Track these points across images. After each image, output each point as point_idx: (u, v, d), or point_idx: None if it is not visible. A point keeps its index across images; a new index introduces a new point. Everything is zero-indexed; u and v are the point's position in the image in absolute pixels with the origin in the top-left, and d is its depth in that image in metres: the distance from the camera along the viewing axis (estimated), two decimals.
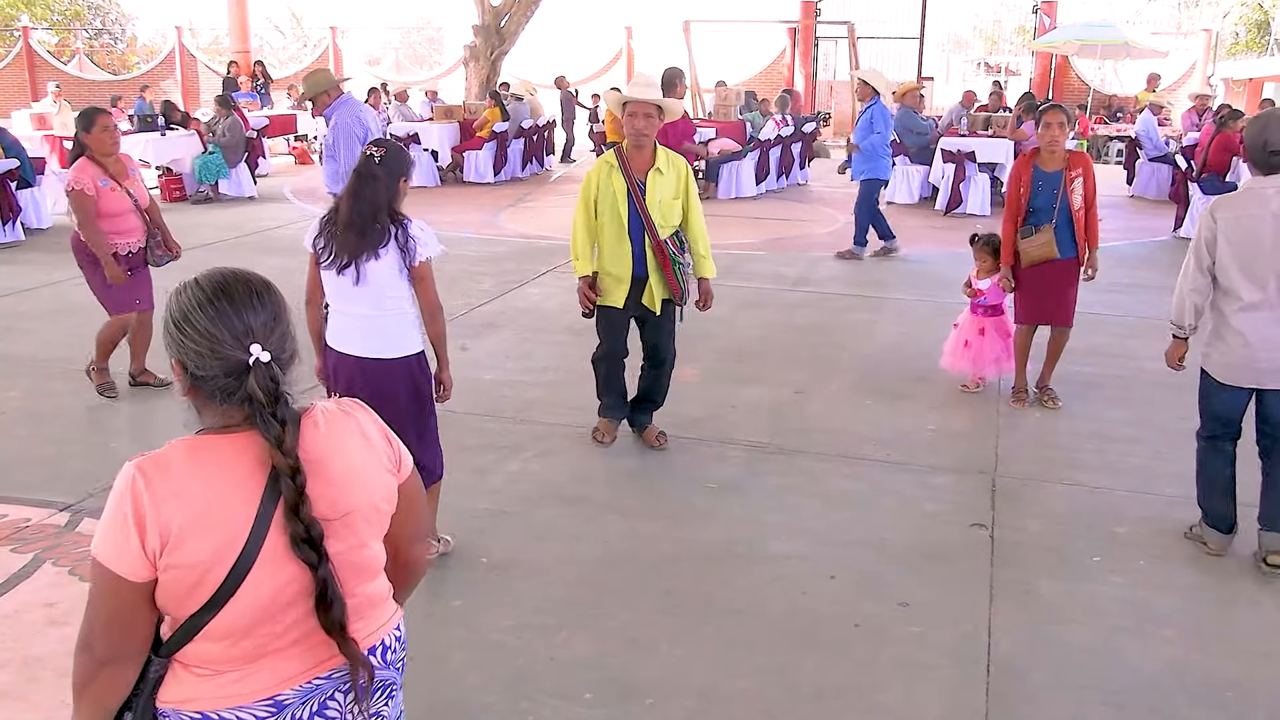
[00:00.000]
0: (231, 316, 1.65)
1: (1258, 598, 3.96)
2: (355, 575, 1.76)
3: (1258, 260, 3.92)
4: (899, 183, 14.07)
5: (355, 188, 3.60)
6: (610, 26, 25.64)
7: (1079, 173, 5.72)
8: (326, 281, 3.70)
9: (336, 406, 1.82)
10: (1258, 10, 29.01)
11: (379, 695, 1.86)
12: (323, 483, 1.68)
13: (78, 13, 35.53)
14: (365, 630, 1.81)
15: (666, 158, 4.91)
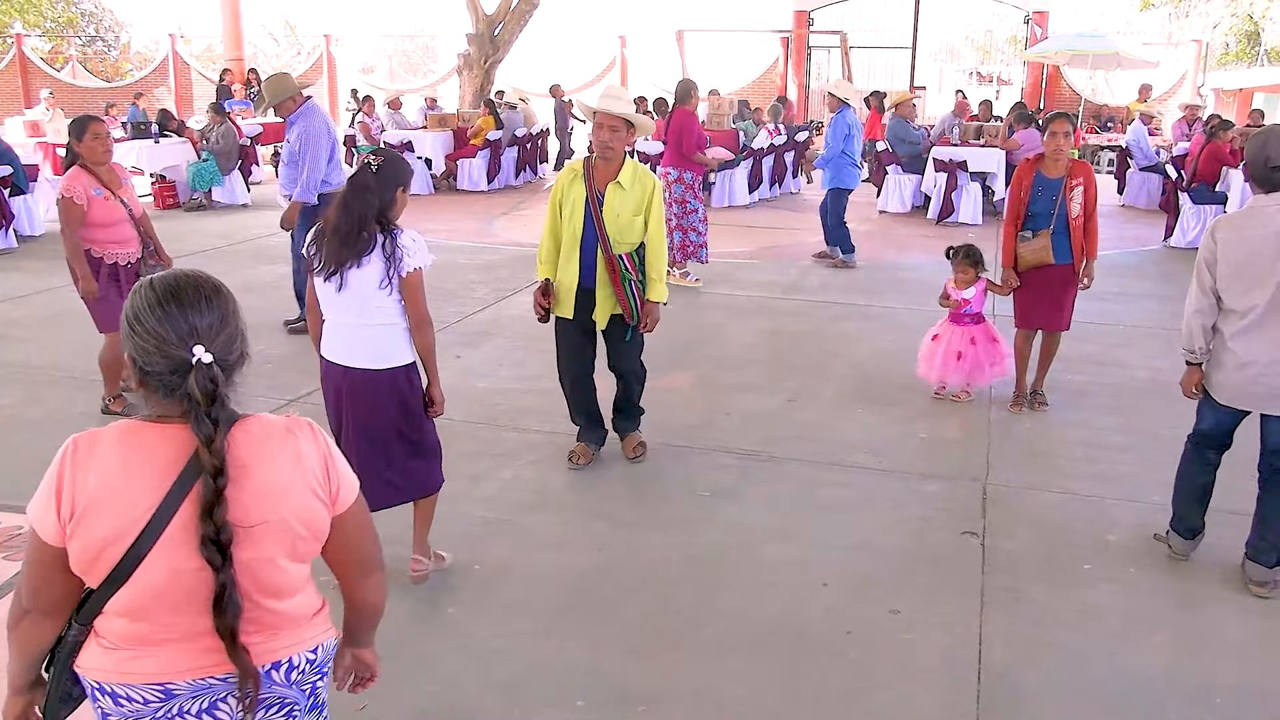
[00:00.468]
0: (178, 318, 1.73)
1: (1246, 604, 3.98)
2: (261, 589, 1.78)
3: (1257, 280, 3.83)
4: (891, 191, 14.13)
5: (347, 197, 3.59)
6: (604, 35, 25.71)
7: (1079, 182, 5.78)
8: (317, 290, 3.71)
9: (284, 422, 1.84)
10: (1247, 21, 29.18)
11: (275, 710, 1.89)
12: (240, 490, 1.72)
13: (71, 20, 35.52)
14: (268, 645, 1.83)
15: (633, 173, 4.80)
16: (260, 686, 1.80)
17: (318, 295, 3.73)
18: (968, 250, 6.24)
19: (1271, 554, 4.08)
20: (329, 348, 3.78)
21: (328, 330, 3.77)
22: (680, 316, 8.29)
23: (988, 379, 6.20)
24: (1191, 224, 11.56)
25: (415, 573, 4.02)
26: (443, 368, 3.97)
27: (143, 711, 1.80)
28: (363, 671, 2.18)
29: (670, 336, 7.64)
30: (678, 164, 9.25)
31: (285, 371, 6.69)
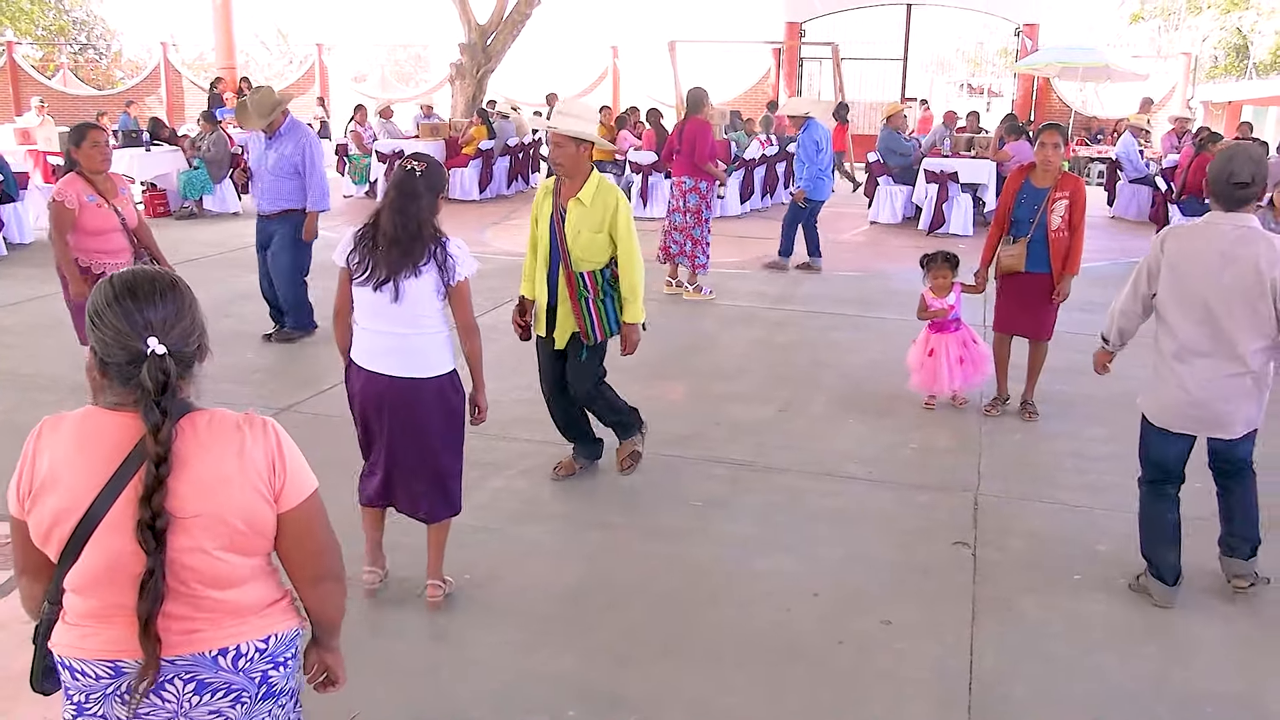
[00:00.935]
0: (134, 312, 1.81)
1: (1233, 613, 4.00)
2: (200, 578, 1.84)
3: (1196, 298, 3.75)
4: (882, 202, 14.18)
5: (399, 202, 3.53)
6: (596, 46, 25.74)
7: (1064, 194, 5.82)
8: (361, 299, 3.62)
9: (235, 419, 1.89)
10: (1236, 34, 29.37)
11: (221, 695, 1.91)
12: (179, 480, 1.78)
13: (62, 28, 35.46)
14: (215, 632, 1.88)
15: (595, 190, 4.66)
16: (156, 678, 1.83)
17: (359, 305, 3.64)
18: (945, 255, 6.27)
19: (1245, 546, 4.11)
20: (369, 357, 3.67)
21: (368, 339, 3.67)
22: (671, 326, 8.30)
23: (980, 380, 6.24)
24: None
25: (433, 599, 3.94)
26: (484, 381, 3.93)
27: (94, 687, 1.86)
28: (325, 673, 2.20)
29: (661, 347, 7.65)
30: (693, 174, 9.21)
31: (275, 379, 6.68)
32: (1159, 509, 4.08)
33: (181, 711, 1.90)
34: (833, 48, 20.55)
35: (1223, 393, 3.79)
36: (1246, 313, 3.69)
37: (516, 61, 21.74)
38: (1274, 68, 28.08)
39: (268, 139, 7.36)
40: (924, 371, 6.28)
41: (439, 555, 3.96)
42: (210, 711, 1.91)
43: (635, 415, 5.25)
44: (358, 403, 3.77)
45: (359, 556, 3.96)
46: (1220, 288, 3.70)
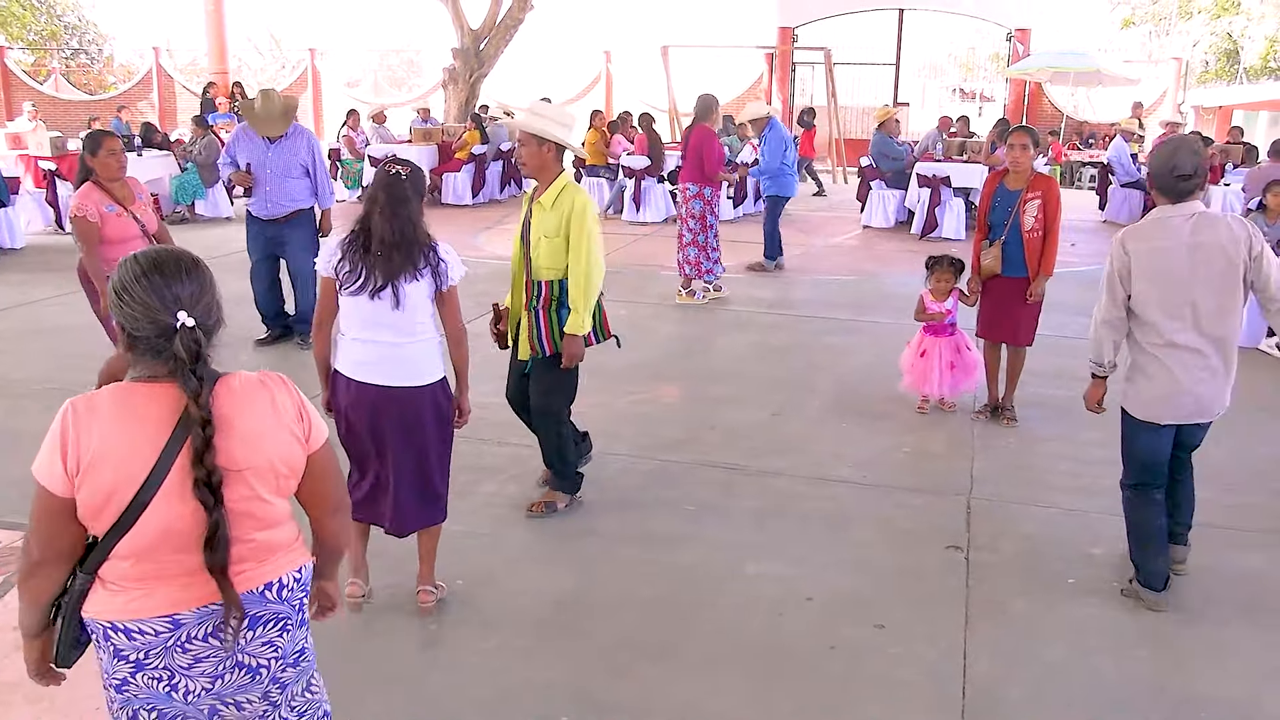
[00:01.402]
0: (162, 287, 1.94)
1: (1228, 616, 3.99)
2: (249, 523, 2.01)
3: (1175, 293, 3.77)
4: (875, 206, 14.19)
5: (391, 206, 3.47)
6: (589, 50, 25.76)
7: (1036, 195, 5.80)
8: (352, 308, 3.53)
9: (259, 376, 2.07)
10: (1226, 39, 29.48)
11: (271, 625, 2.11)
12: (226, 438, 1.94)
13: (54, 32, 35.37)
14: (260, 569, 2.07)
15: (557, 194, 4.49)
16: (243, 614, 2.01)
17: (351, 315, 3.55)
18: (951, 259, 6.28)
19: (1186, 535, 4.28)
20: (361, 369, 3.58)
21: (359, 350, 3.58)
22: (665, 331, 8.30)
23: (975, 384, 6.25)
24: None
25: (425, 604, 3.91)
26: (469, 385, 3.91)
27: (154, 643, 2.00)
28: (325, 601, 2.40)
29: (655, 350, 7.64)
30: (698, 180, 9.14)
31: None
32: (1148, 514, 4.08)
33: (241, 648, 2.07)
34: (825, 53, 20.56)
35: (1208, 378, 3.85)
36: (1221, 295, 3.76)
37: (510, 66, 21.75)
38: (1264, 73, 28.19)
39: (270, 142, 7.26)
40: (914, 372, 6.30)
41: (430, 561, 3.94)
42: (263, 643, 2.10)
43: (577, 478, 4.95)
44: (345, 416, 3.67)
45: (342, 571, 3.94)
46: (1194, 278, 3.75)
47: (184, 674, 2.03)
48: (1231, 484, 5.27)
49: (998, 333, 6.09)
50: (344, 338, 3.62)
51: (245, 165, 7.30)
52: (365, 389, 3.59)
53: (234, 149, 7.41)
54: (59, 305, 8.72)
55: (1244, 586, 4.24)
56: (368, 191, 3.59)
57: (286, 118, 7.27)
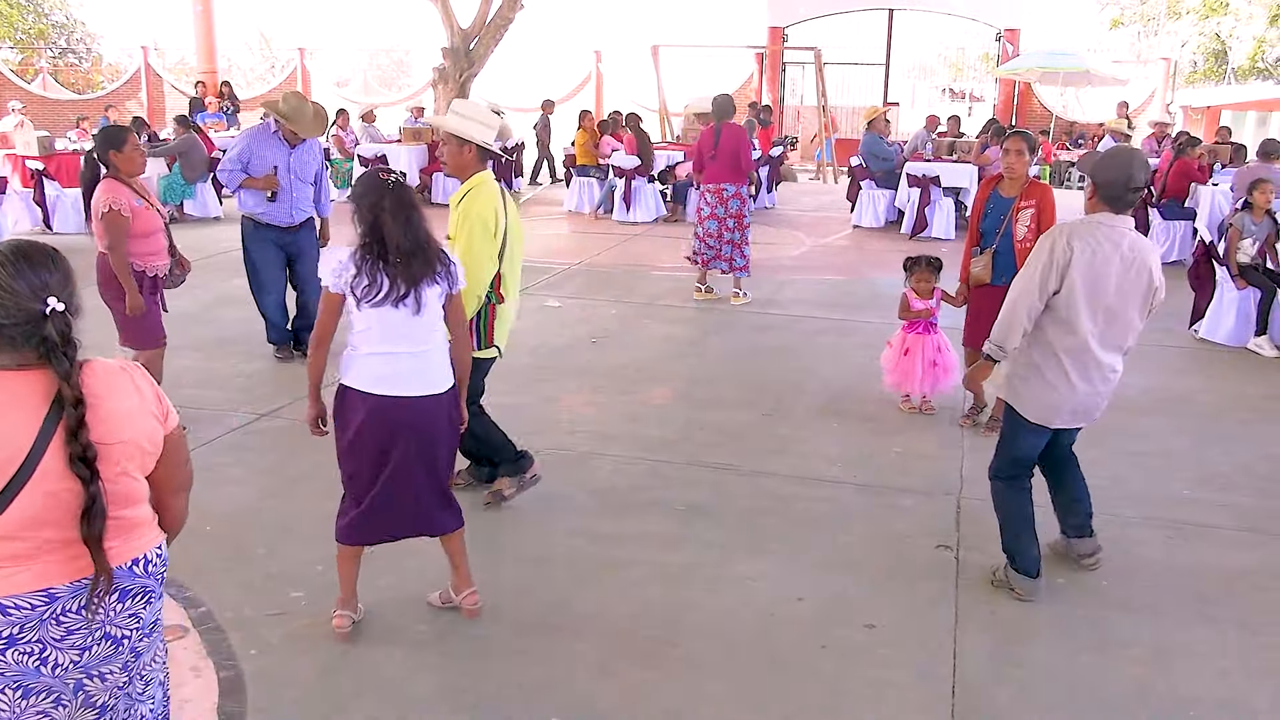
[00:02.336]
0: (30, 275, 2.02)
1: (1216, 616, 4.01)
2: (118, 500, 2.11)
3: (1099, 299, 3.81)
4: (865, 206, 14.21)
5: (404, 213, 3.42)
6: (580, 50, 25.76)
7: (1030, 203, 5.70)
8: (373, 320, 3.41)
9: (119, 363, 2.18)
10: (1215, 40, 29.61)
11: (138, 598, 2.21)
12: (97, 416, 2.04)
13: (42, 31, 35.21)
14: (126, 545, 2.17)
15: (464, 194, 4.48)
16: (113, 584, 2.12)
17: (373, 329, 3.44)
18: (929, 259, 6.27)
19: (1090, 524, 4.31)
20: (380, 382, 3.47)
21: (377, 364, 3.47)
22: (656, 331, 8.30)
23: (950, 387, 6.25)
24: (1161, 239, 11.69)
25: (474, 606, 3.88)
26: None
27: (29, 617, 2.07)
28: None
29: (645, 351, 7.64)
30: (733, 179, 9.04)
31: (260, 385, 6.63)
32: (1019, 501, 4.15)
33: (109, 620, 2.17)
34: (815, 52, 20.58)
35: (1104, 385, 3.99)
36: (1135, 313, 3.89)
37: (500, 66, 21.72)
38: (1252, 73, 28.32)
39: (291, 147, 7.05)
40: (897, 371, 6.28)
41: (465, 563, 3.88)
42: (129, 615, 2.20)
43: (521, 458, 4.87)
44: (368, 434, 3.51)
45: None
46: (1122, 289, 3.82)
47: (55, 646, 2.12)
48: (1219, 483, 5.28)
49: (979, 339, 5.98)
50: (356, 353, 3.50)
51: (272, 168, 6.99)
52: (386, 402, 3.48)
53: (247, 153, 7.02)
54: None
55: (1233, 586, 4.25)
56: (365, 200, 3.45)
57: (319, 119, 7.14)
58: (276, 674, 3.53)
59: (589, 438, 5.73)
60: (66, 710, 2.16)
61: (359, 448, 3.56)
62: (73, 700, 2.16)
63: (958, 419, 6.19)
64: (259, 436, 5.79)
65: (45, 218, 12.90)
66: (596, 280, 10.38)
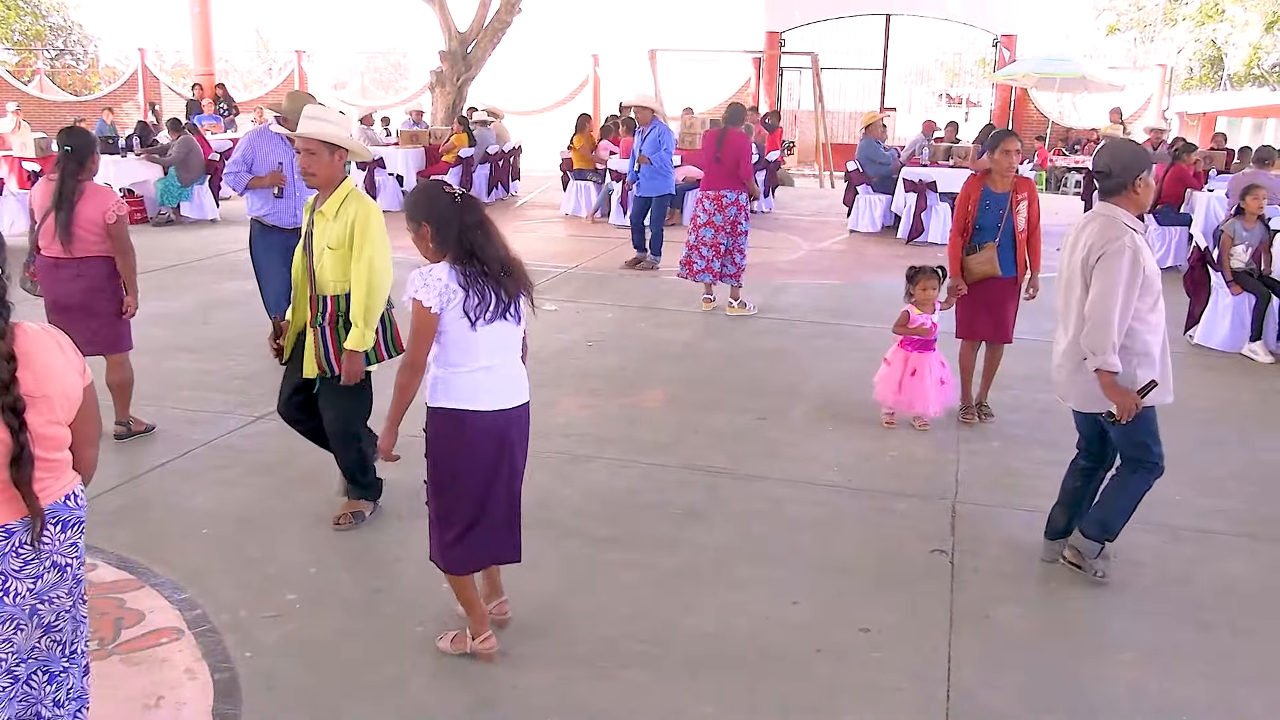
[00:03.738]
0: None
1: (1212, 620, 4.01)
2: (48, 443, 2.37)
3: (1060, 278, 4.20)
4: (862, 211, 14.24)
5: (491, 228, 3.38)
6: (577, 53, 25.75)
7: (1024, 196, 6.01)
8: (484, 337, 3.34)
9: (40, 326, 2.41)
10: (1210, 47, 29.66)
11: (74, 528, 2.49)
12: (26, 370, 2.28)
13: (39, 33, 35.19)
14: (58, 484, 2.44)
15: (340, 202, 4.30)
16: (44, 521, 2.37)
17: (484, 345, 3.36)
18: (933, 268, 6.15)
19: (1093, 525, 4.27)
20: (489, 397, 3.42)
21: (484, 379, 3.41)
22: (651, 335, 8.31)
23: (955, 402, 6.23)
24: (1156, 245, 11.72)
25: (506, 614, 3.89)
26: None
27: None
28: None
29: (640, 354, 7.65)
30: (733, 186, 8.96)
31: (256, 388, 6.62)
32: (1068, 471, 4.49)
33: (55, 549, 2.44)
34: (812, 57, 20.62)
35: (1064, 363, 4.20)
36: (1077, 291, 4.04)
37: (497, 69, 21.72)
38: (1248, 79, 28.38)
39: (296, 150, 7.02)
40: (906, 392, 6.07)
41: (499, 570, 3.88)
42: (70, 544, 2.48)
43: (378, 484, 4.79)
44: (480, 453, 3.45)
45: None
46: (1068, 266, 4.11)
47: (15, 577, 2.38)
48: (1214, 488, 5.30)
49: (981, 331, 6.17)
50: (454, 372, 3.38)
51: (277, 165, 6.90)
52: (498, 416, 3.44)
53: (251, 153, 6.95)
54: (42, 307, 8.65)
55: (1225, 591, 4.26)
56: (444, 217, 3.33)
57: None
58: (272, 676, 3.53)
59: (585, 441, 5.73)
60: (24, 633, 2.44)
61: (470, 470, 3.46)
62: (28, 624, 2.44)
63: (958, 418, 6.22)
64: (255, 439, 5.78)
65: None
66: (593, 284, 10.39)
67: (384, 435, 3.52)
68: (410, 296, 3.30)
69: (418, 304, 3.29)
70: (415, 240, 3.41)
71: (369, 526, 4.66)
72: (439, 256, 3.37)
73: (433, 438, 3.47)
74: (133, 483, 5.15)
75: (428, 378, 3.43)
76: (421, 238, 3.38)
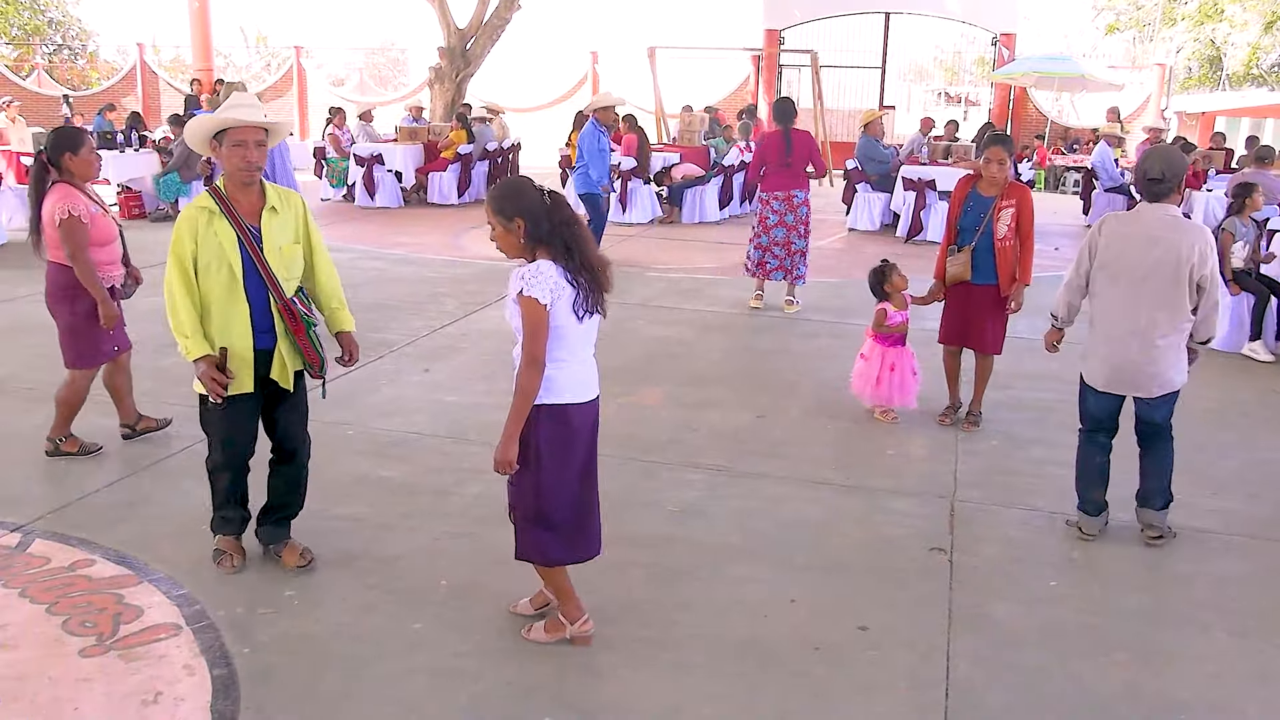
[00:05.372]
0: None
1: (1209, 621, 4.02)
2: None
3: (1126, 275, 4.38)
4: (860, 210, 14.24)
5: (579, 225, 3.40)
6: (576, 51, 25.74)
7: (1011, 203, 5.76)
8: (584, 331, 3.41)
9: None
10: (1209, 46, 29.68)
11: None
12: None
13: (38, 28, 35.14)
14: None
15: (278, 194, 4.02)
16: None
17: (581, 339, 3.42)
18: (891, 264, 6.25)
19: (1157, 497, 4.62)
20: (586, 388, 3.49)
21: (584, 370, 3.48)
22: (649, 333, 8.30)
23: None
24: None
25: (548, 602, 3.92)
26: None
27: None
28: None
29: (639, 352, 7.64)
30: (803, 185, 8.92)
31: None
32: (1090, 452, 4.71)
33: None
34: (811, 55, 20.61)
35: (1140, 357, 4.42)
36: (1164, 289, 4.33)
37: (496, 66, 21.71)
38: (1247, 79, 28.41)
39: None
40: (883, 387, 6.16)
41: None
42: None
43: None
44: (579, 445, 3.51)
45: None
46: (1144, 266, 4.34)
47: None
48: (1212, 488, 5.30)
49: (965, 339, 6.02)
50: (565, 366, 3.39)
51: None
52: (591, 407, 3.54)
53: None
54: (40, 302, 8.64)
55: (1224, 591, 4.27)
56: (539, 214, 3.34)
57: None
58: (269, 673, 3.52)
59: None
60: None
61: (572, 463, 3.50)
62: None
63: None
64: None
65: None
66: None
67: (506, 447, 3.38)
68: (521, 294, 3.28)
69: (531, 301, 3.26)
70: (500, 234, 3.41)
71: (367, 524, 4.66)
72: (525, 251, 3.38)
73: (540, 438, 3.42)
74: (131, 478, 5.15)
75: None
76: (511, 232, 3.37)
